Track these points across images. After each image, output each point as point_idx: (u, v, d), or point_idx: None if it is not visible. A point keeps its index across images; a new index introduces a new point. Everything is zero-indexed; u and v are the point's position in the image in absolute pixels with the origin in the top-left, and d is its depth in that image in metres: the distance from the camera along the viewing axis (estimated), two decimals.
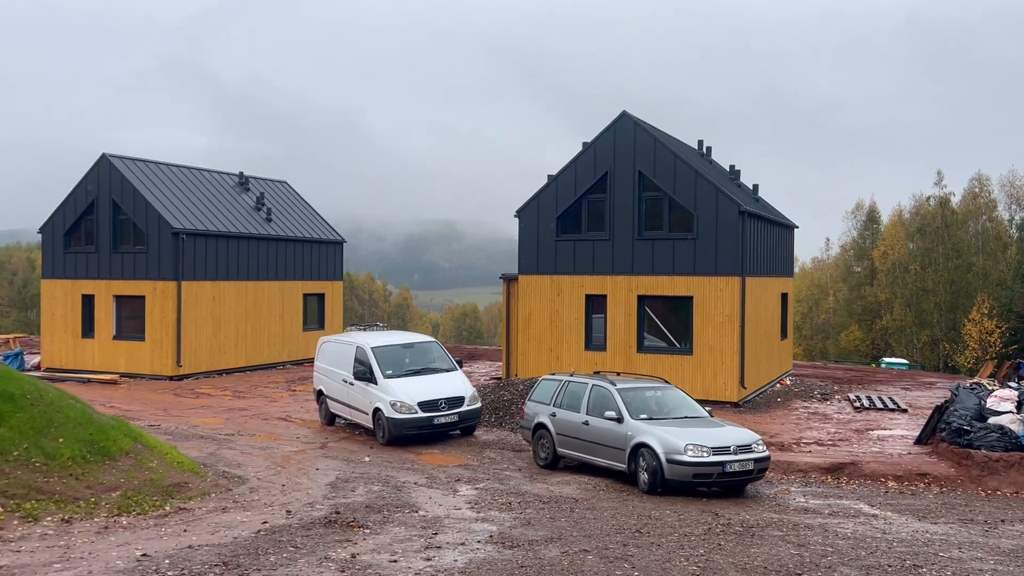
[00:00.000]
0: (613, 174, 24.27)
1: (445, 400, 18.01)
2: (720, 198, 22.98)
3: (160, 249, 29.26)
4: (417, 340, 20.21)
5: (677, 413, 14.32)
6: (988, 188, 69.55)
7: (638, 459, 13.45)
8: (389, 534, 9.29)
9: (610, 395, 14.40)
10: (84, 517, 9.06)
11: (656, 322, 24.06)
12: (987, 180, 69.81)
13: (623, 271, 24.09)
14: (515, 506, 11.64)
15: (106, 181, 30.31)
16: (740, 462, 12.97)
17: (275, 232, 33.63)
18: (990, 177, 71.13)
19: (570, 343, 24.74)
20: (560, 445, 15.20)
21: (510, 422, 19.63)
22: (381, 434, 17.93)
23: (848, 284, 75.42)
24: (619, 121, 24.40)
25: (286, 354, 33.99)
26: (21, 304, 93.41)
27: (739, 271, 22.75)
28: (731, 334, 22.74)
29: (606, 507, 11.86)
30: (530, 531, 9.81)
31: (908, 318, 65.50)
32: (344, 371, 19.54)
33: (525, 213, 25.65)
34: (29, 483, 9.19)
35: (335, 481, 13.22)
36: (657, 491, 13.07)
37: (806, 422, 20.81)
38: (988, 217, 68.73)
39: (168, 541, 8.23)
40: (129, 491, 10.14)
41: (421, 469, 15.04)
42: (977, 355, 57.72)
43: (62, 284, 31.36)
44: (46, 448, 9.93)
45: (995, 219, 69.00)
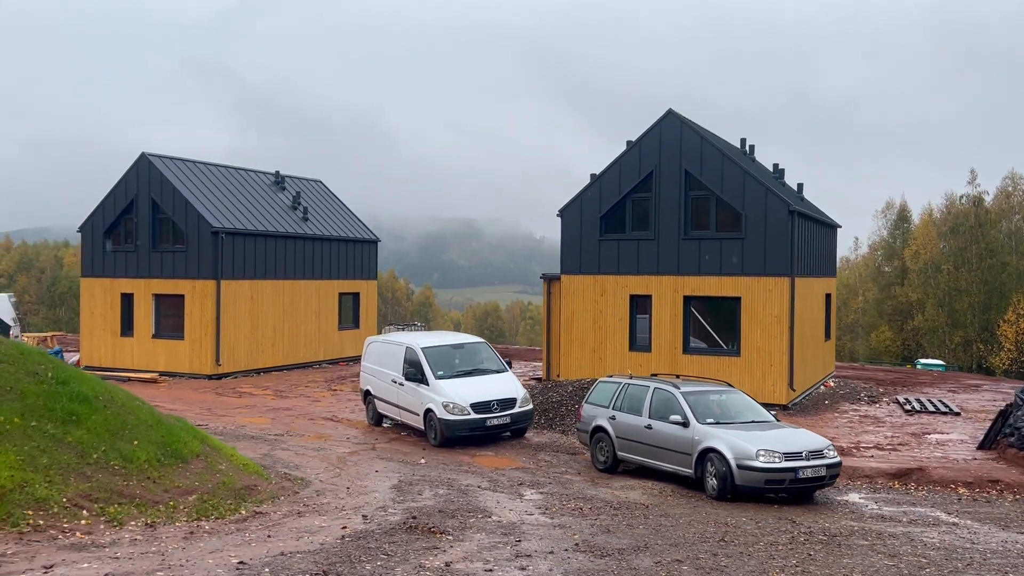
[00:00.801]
0: (659, 173, 24.00)
1: (497, 402, 17.84)
2: (769, 197, 22.66)
3: (199, 248, 29.28)
4: (467, 341, 20.05)
5: (743, 417, 14.06)
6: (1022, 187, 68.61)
7: (705, 464, 13.21)
8: (473, 541, 9.12)
9: (674, 399, 14.15)
10: (166, 521, 8.94)
11: (702, 323, 23.78)
12: (1021, 179, 68.86)
13: (668, 271, 23.82)
14: (587, 512, 11.44)
15: (145, 180, 30.38)
16: (813, 468, 12.71)
17: (311, 231, 33.61)
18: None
19: (614, 344, 24.50)
20: (620, 449, 14.97)
21: (560, 424, 19.44)
22: (433, 435, 17.79)
23: (878, 284, 74.60)
24: (665, 119, 24.12)
25: (322, 353, 33.96)
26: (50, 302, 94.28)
27: (788, 271, 22.43)
28: (780, 335, 22.42)
29: (679, 514, 11.63)
30: (613, 539, 9.60)
31: (941, 318, 64.66)
32: (393, 371, 19.41)
33: (567, 213, 25.43)
34: (110, 486, 9.09)
35: (399, 484, 13.07)
36: (726, 497, 12.83)
37: (859, 425, 20.47)
38: (1022, 216, 67.79)
39: (257, 548, 8.10)
40: (204, 494, 10.03)
41: (480, 472, 14.87)
42: (1013, 356, 56.92)
43: (101, 283, 31.47)
44: (123, 451, 9.82)
45: None
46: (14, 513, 7.89)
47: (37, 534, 7.74)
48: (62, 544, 7.60)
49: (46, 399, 9.94)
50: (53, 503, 8.31)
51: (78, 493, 8.70)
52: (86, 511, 8.47)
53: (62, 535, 7.86)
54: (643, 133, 24.39)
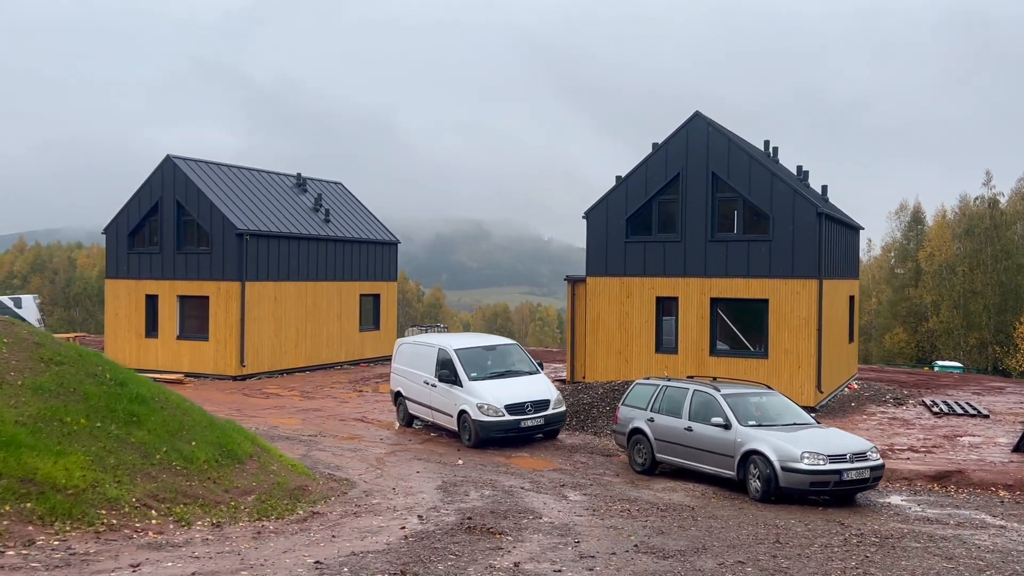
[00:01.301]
0: (685, 175, 24.05)
1: (531, 403, 17.92)
2: (797, 200, 22.69)
3: (224, 250, 29.45)
4: (499, 342, 20.14)
5: (783, 419, 14.11)
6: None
7: (748, 466, 13.27)
8: (532, 542, 9.20)
9: (715, 401, 14.21)
10: (230, 521, 9.05)
11: (729, 325, 23.81)
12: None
13: (695, 273, 23.87)
14: (635, 514, 11.51)
15: (170, 182, 30.56)
16: (857, 470, 12.75)
17: (333, 233, 33.76)
18: None
19: (640, 346, 24.55)
20: (659, 451, 15.03)
21: (592, 426, 19.51)
22: (467, 436, 17.88)
23: (892, 286, 74.42)
24: (692, 122, 24.17)
25: (343, 354, 34.10)
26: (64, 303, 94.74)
27: (816, 274, 22.45)
28: (808, 337, 22.44)
29: (727, 516, 11.68)
30: (670, 541, 9.67)
31: (956, 320, 64.50)
32: (425, 373, 19.51)
33: (593, 215, 25.50)
34: (175, 487, 9.20)
35: (443, 485, 13.16)
36: (770, 499, 12.88)
37: (889, 428, 20.48)
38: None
39: (327, 548, 8.19)
40: (262, 495, 10.14)
41: (518, 473, 14.95)
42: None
43: (126, 284, 31.66)
44: (183, 451, 9.94)
45: None
46: (89, 512, 8.00)
47: (112, 533, 7.84)
48: (139, 543, 7.70)
49: (107, 400, 10.06)
50: (124, 503, 8.42)
51: (146, 493, 8.81)
52: (154, 511, 8.58)
53: (136, 534, 7.96)
54: (669, 135, 24.44)
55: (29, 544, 7.15)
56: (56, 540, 7.35)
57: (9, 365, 9.85)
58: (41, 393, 9.55)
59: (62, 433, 8.97)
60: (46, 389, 9.67)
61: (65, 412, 9.37)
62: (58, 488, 8.03)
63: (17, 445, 8.26)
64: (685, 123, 24.26)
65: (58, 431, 8.98)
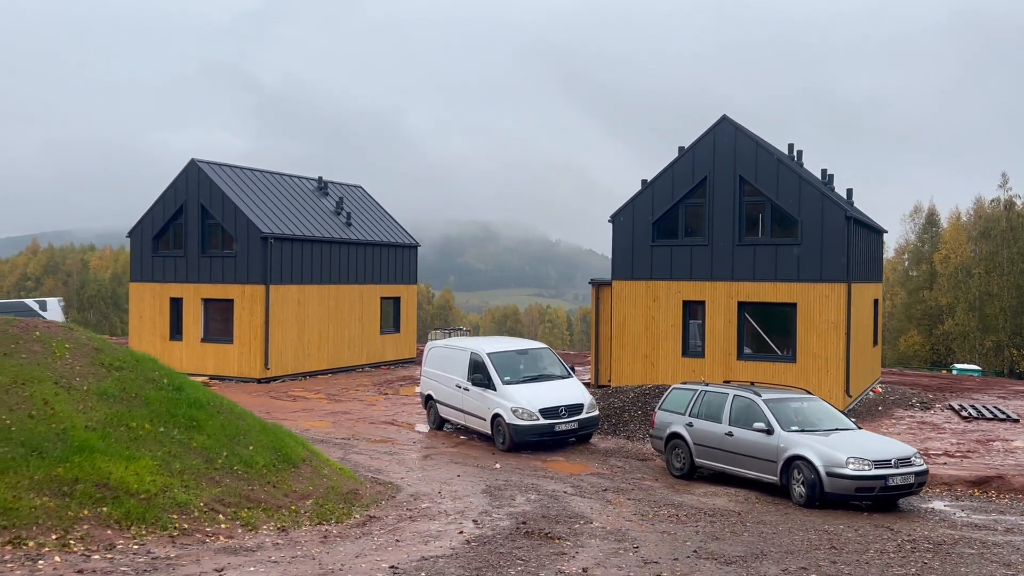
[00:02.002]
0: (712, 179, 24.09)
1: (565, 407, 17.97)
2: (826, 204, 22.71)
3: (249, 253, 29.59)
4: (531, 346, 20.21)
5: (825, 425, 14.13)
6: None
7: (791, 471, 13.30)
8: (592, 547, 9.26)
9: (756, 406, 14.25)
10: (293, 526, 9.14)
11: (756, 329, 23.83)
12: None
13: (722, 277, 23.89)
14: (684, 519, 11.56)
15: (195, 186, 30.72)
16: (902, 476, 12.78)
17: (355, 236, 33.88)
18: None
19: (666, 350, 24.58)
20: (698, 455, 15.08)
21: (624, 430, 19.55)
22: (501, 440, 17.95)
23: (906, 288, 74.23)
24: (719, 126, 24.22)
25: (365, 357, 34.21)
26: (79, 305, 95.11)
27: (845, 277, 22.46)
28: (836, 341, 22.45)
29: (774, 521, 11.73)
30: (727, 546, 9.72)
31: (972, 323, 64.32)
32: (457, 376, 19.58)
33: (619, 219, 25.54)
34: (238, 491, 9.29)
35: (487, 488, 13.22)
36: (814, 504, 12.91)
37: (920, 432, 20.47)
38: None
39: (395, 552, 8.26)
40: (319, 499, 10.22)
41: (558, 477, 15.01)
42: None
43: (150, 287, 31.82)
44: (242, 456, 10.03)
45: None
46: (162, 517, 8.09)
47: (186, 537, 7.93)
48: (214, 548, 7.79)
49: (168, 405, 10.16)
50: (193, 507, 8.51)
51: (212, 498, 8.90)
52: (221, 515, 8.67)
53: (208, 539, 8.05)
54: (696, 139, 24.49)
55: (111, 548, 7.24)
56: (135, 544, 7.44)
57: (74, 371, 9.96)
58: (106, 398, 9.65)
59: (129, 438, 9.07)
60: (110, 394, 9.77)
61: (130, 417, 9.47)
62: (131, 493, 8.13)
63: (90, 450, 8.36)
64: (712, 127, 24.31)
65: (125, 436, 9.08)
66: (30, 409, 8.71)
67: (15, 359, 9.59)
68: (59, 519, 7.35)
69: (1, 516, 7.06)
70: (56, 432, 8.49)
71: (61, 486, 7.74)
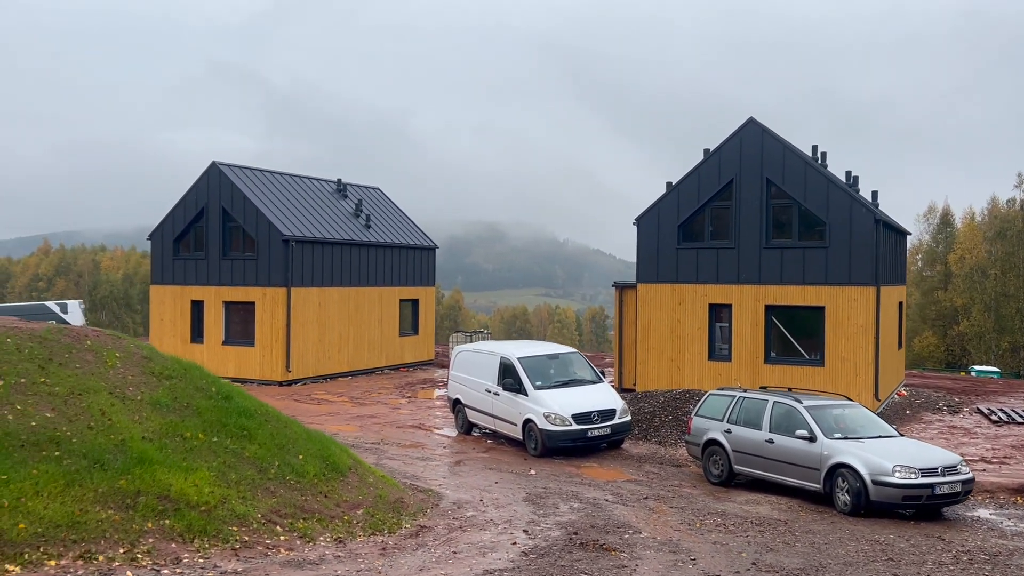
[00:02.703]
0: (739, 181, 23.95)
1: (597, 412, 17.88)
2: (854, 206, 22.56)
3: (270, 256, 29.57)
4: (561, 351, 20.11)
5: (867, 432, 14.01)
6: None
7: (835, 479, 13.18)
8: (650, 559, 9.16)
9: (798, 413, 14.13)
10: (348, 537, 9.06)
11: (783, 332, 23.69)
12: None
13: (749, 280, 23.75)
14: (732, 529, 11.45)
15: (216, 189, 30.71)
16: (949, 484, 12.65)
17: (374, 238, 33.85)
18: None
19: (692, 353, 24.45)
20: (737, 462, 14.96)
21: (655, 435, 19.44)
22: (533, 445, 17.86)
23: (920, 289, 73.89)
24: (745, 128, 24.09)
25: (384, 359, 34.17)
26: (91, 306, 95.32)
27: (873, 281, 22.31)
28: (865, 345, 22.30)
29: (823, 531, 11.61)
30: (783, 558, 9.62)
31: (987, 324, 64.00)
32: (486, 381, 19.50)
33: (644, 221, 25.42)
34: (293, 502, 9.22)
35: (529, 496, 13.13)
36: (859, 513, 12.79)
37: (952, 437, 20.31)
38: None
39: (456, 565, 8.18)
40: (369, 508, 10.14)
41: (595, 484, 14.91)
42: None
43: (171, 290, 31.84)
44: (293, 465, 9.96)
45: None
46: (223, 529, 8.02)
47: (247, 550, 7.86)
48: (277, 561, 7.71)
49: (219, 414, 10.09)
50: (251, 519, 8.44)
51: (269, 509, 8.83)
52: (279, 527, 8.60)
53: (270, 551, 7.98)
54: (722, 142, 24.36)
55: (177, 562, 7.17)
56: (200, 558, 7.37)
57: (126, 380, 9.90)
58: (159, 408, 9.59)
59: (185, 449, 9.01)
60: (163, 404, 9.71)
61: (184, 427, 9.40)
62: (191, 505, 8.06)
63: (150, 462, 8.29)
64: (738, 129, 24.18)
65: (181, 447, 9.02)
66: (88, 420, 8.65)
67: (70, 369, 9.54)
68: (125, 532, 7.28)
69: (70, 530, 7.00)
70: (115, 443, 8.43)
71: (124, 499, 7.68)
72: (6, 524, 6.67)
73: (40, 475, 7.43)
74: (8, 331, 9.87)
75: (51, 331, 10.34)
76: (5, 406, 8.29)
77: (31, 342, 9.78)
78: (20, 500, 7.00)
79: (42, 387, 8.92)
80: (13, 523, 6.71)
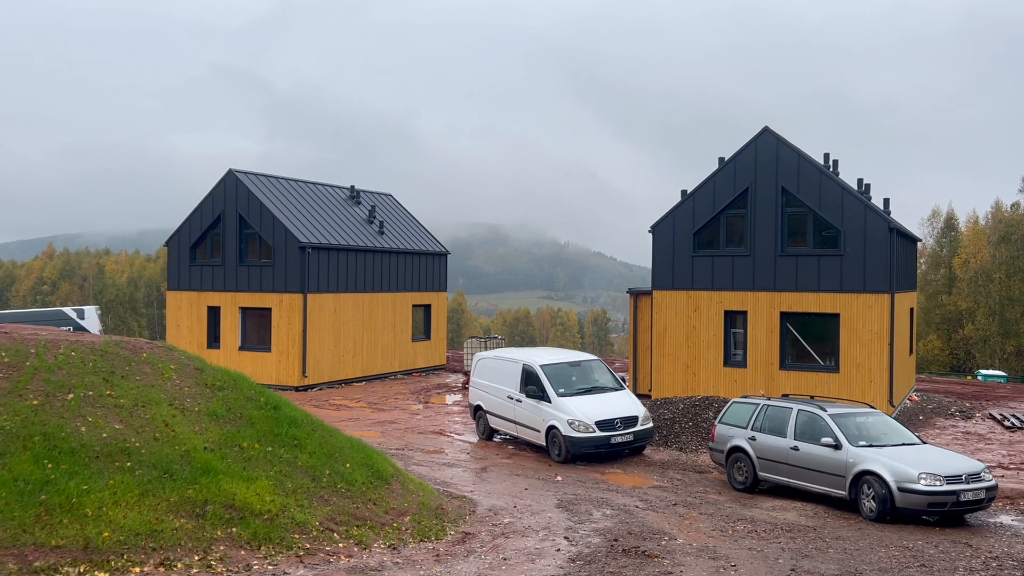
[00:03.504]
0: (754, 190, 24.27)
1: (620, 419, 18.17)
2: (869, 214, 22.87)
3: (287, 262, 29.87)
4: (583, 358, 20.40)
5: (890, 440, 14.30)
6: None
7: (861, 486, 13.47)
8: (692, 566, 9.44)
9: (823, 421, 14.43)
10: (399, 543, 9.35)
11: (798, 339, 23.98)
12: None
13: (765, 287, 24.06)
14: (763, 535, 11.74)
15: (232, 196, 31.02)
16: (973, 491, 12.94)
17: (387, 245, 34.15)
18: None
19: (708, 360, 24.75)
20: (761, 469, 15.25)
21: (676, 441, 19.73)
22: (556, 451, 18.14)
23: (924, 293, 74.17)
24: (760, 137, 24.41)
25: (397, 364, 34.46)
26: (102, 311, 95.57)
27: (888, 288, 22.62)
28: (880, 352, 22.60)
29: (852, 537, 11.90)
30: (820, 564, 9.90)
31: (992, 328, 64.31)
32: (509, 388, 19.79)
33: (660, 229, 25.74)
34: (346, 509, 9.51)
35: (561, 503, 13.42)
36: (885, 519, 13.07)
37: (967, 443, 20.59)
38: None
39: (508, 572, 8.47)
40: (414, 515, 10.43)
41: (622, 491, 15.19)
42: None
43: (187, 296, 32.14)
44: (343, 473, 10.25)
45: None
46: (286, 537, 8.31)
47: (311, 557, 8.15)
48: (343, 567, 8.00)
49: (270, 424, 10.39)
50: (311, 527, 8.74)
51: (325, 516, 9.12)
52: (336, 534, 8.89)
53: (331, 558, 8.27)
54: (738, 151, 24.68)
55: (247, 569, 7.46)
56: (268, 564, 7.66)
57: (183, 392, 10.19)
58: (216, 419, 9.88)
59: (244, 458, 9.30)
60: (219, 415, 10.00)
61: (240, 437, 9.70)
62: (255, 513, 8.35)
63: (214, 472, 8.59)
64: (754, 138, 24.51)
65: (240, 456, 9.31)
66: (153, 431, 8.93)
67: (131, 381, 9.82)
68: (198, 540, 7.57)
69: (149, 538, 7.29)
70: (180, 454, 8.72)
71: (194, 508, 7.97)
72: (92, 532, 6.97)
73: (116, 485, 7.72)
74: (72, 345, 10.15)
75: (110, 344, 10.62)
76: (77, 418, 8.60)
77: (94, 355, 10.07)
78: (101, 509, 7.30)
79: (108, 399, 9.22)
80: (98, 531, 7.01)
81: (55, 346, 9.92)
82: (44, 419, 8.30)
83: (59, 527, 6.91)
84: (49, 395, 8.80)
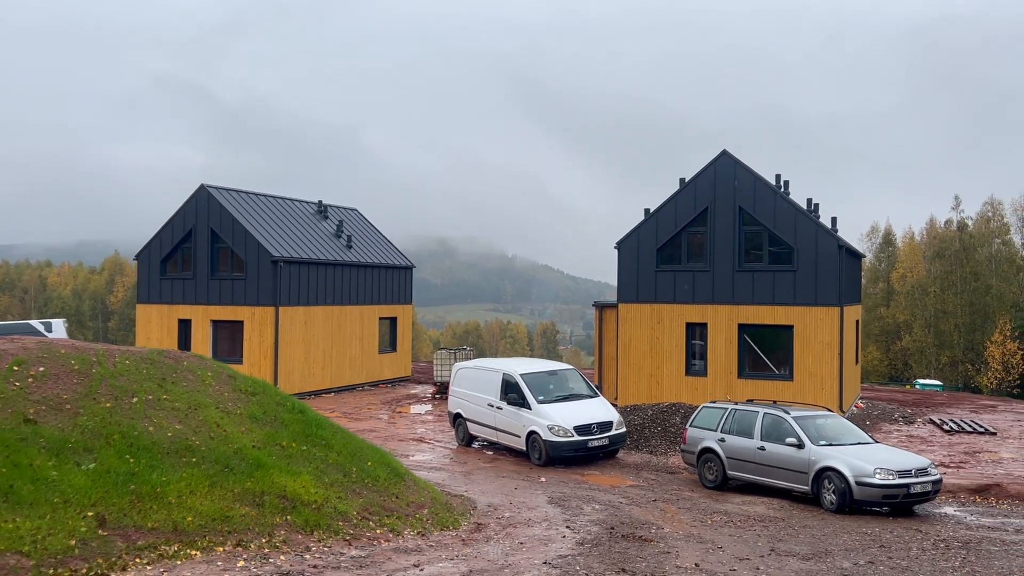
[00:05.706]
0: (713, 209, 25.83)
1: (597, 424, 19.37)
2: (820, 233, 24.57)
3: (259, 276, 30.51)
4: (559, 368, 21.58)
5: (847, 439, 15.76)
6: (1001, 212, 71.80)
7: (822, 481, 14.87)
8: (684, 547, 10.64)
9: (787, 423, 15.82)
10: (423, 532, 10.35)
11: (755, 349, 25.54)
12: (999, 204, 72.10)
13: (724, 300, 25.59)
14: (739, 524, 13.01)
15: (204, 210, 31.56)
16: (921, 484, 14.43)
17: (355, 259, 34.97)
18: (1003, 201, 73.55)
19: (670, 369, 26.17)
20: (731, 468, 16.59)
21: (646, 445, 21.00)
22: (537, 455, 19.26)
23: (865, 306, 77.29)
24: (719, 159, 26.00)
25: (365, 376, 35.23)
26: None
27: (837, 301, 24.31)
28: (830, 361, 24.27)
29: (816, 524, 13.26)
30: (795, 546, 11.19)
31: (928, 339, 67.39)
32: (489, 396, 20.86)
33: (625, 245, 27.13)
34: (376, 501, 10.47)
35: (552, 500, 14.52)
36: (844, 511, 14.49)
37: (911, 445, 22.26)
38: (1002, 240, 70.93)
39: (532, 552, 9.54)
40: (431, 508, 11.43)
41: (604, 489, 16.37)
42: (1000, 376, 59.62)
43: (158, 308, 32.50)
44: (366, 470, 11.20)
45: (1008, 242, 71.23)
46: (332, 524, 9.26)
47: (356, 540, 9.11)
48: (388, 548, 8.99)
49: (301, 426, 11.30)
50: (351, 516, 9.68)
51: (360, 507, 10.08)
52: (371, 522, 9.85)
53: (374, 542, 9.25)
54: (697, 173, 26.24)
55: (308, 550, 8.41)
56: (324, 547, 8.61)
57: (224, 396, 11.05)
58: (256, 421, 10.77)
59: (286, 456, 10.21)
60: (257, 417, 10.88)
61: (279, 437, 10.60)
62: (305, 503, 9.29)
63: (266, 467, 9.49)
64: (713, 161, 26.09)
65: (282, 454, 10.21)
66: (208, 431, 9.80)
67: (181, 387, 10.65)
68: (262, 525, 8.49)
69: (223, 523, 8.19)
70: (233, 451, 9.61)
71: (254, 497, 8.88)
72: (177, 516, 7.85)
73: (188, 477, 8.60)
74: (125, 354, 10.95)
75: (155, 354, 11.41)
76: (144, 419, 9.43)
77: (145, 364, 10.88)
78: (181, 497, 8.18)
79: (166, 403, 10.06)
80: (182, 516, 7.89)
81: (111, 355, 10.70)
82: (118, 420, 9.12)
83: (150, 512, 7.76)
84: (117, 399, 9.60)
